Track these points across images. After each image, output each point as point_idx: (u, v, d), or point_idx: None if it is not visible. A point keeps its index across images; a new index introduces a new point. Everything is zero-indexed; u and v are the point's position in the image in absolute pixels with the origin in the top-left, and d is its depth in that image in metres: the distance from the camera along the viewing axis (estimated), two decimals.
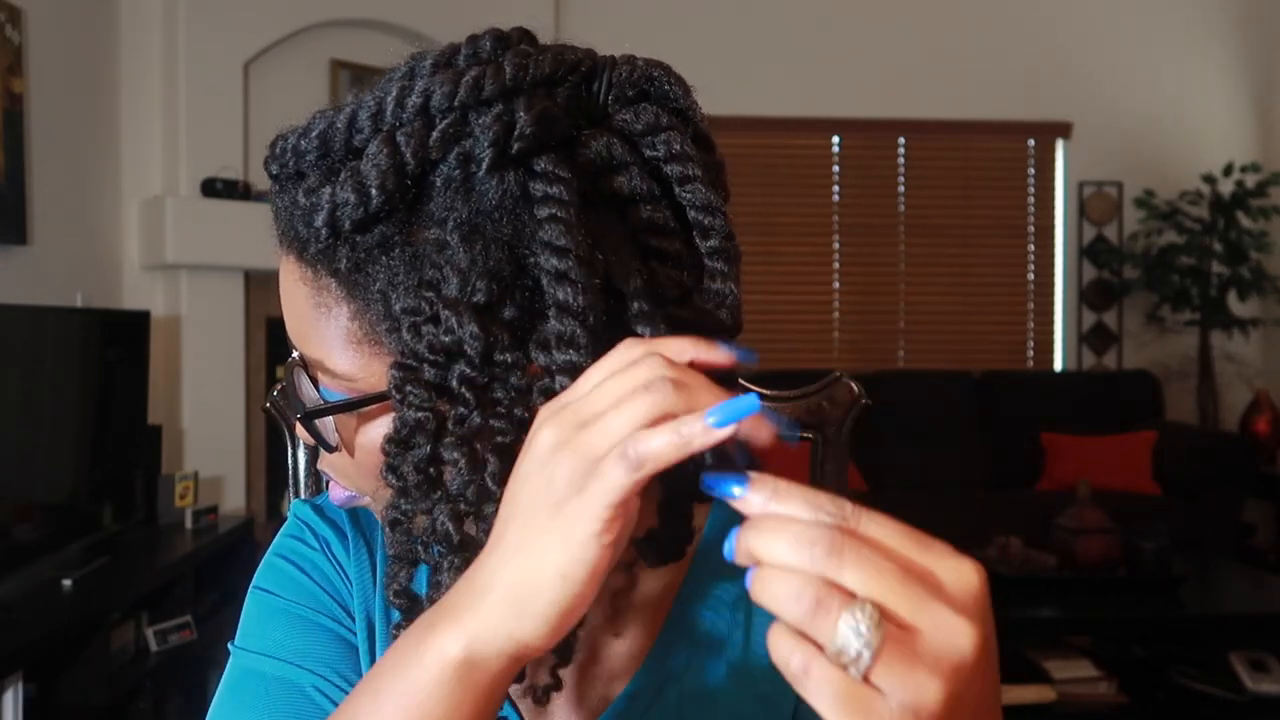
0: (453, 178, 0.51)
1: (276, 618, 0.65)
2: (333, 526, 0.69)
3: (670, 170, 0.53)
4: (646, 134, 0.54)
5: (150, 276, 3.47)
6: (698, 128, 0.56)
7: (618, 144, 0.53)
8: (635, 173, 0.53)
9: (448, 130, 0.50)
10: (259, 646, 0.64)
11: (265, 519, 3.59)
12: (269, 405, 0.88)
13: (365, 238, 0.52)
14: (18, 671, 2.05)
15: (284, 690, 0.62)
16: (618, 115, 0.54)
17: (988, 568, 2.10)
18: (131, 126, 3.46)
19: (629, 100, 0.54)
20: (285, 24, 3.66)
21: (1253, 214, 4.59)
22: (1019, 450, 4.42)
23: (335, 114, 0.52)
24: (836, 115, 4.83)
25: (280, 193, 0.55)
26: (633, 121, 0.54)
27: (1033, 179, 5.02)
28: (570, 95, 0.53)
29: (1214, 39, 5.01)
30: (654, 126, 0.53)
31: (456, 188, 0.51)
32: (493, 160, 0.50)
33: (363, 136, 0.51)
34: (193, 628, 2.71)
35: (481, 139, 0.50)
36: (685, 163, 0.53)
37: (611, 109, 0.54)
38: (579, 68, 0.54)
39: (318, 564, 0.67)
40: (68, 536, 2.55)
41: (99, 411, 2.78)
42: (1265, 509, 4.52)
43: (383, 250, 0.52)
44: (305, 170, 0.53)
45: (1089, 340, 5.01)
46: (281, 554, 0.68)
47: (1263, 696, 2.63)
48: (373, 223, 0.51)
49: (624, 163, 0.53)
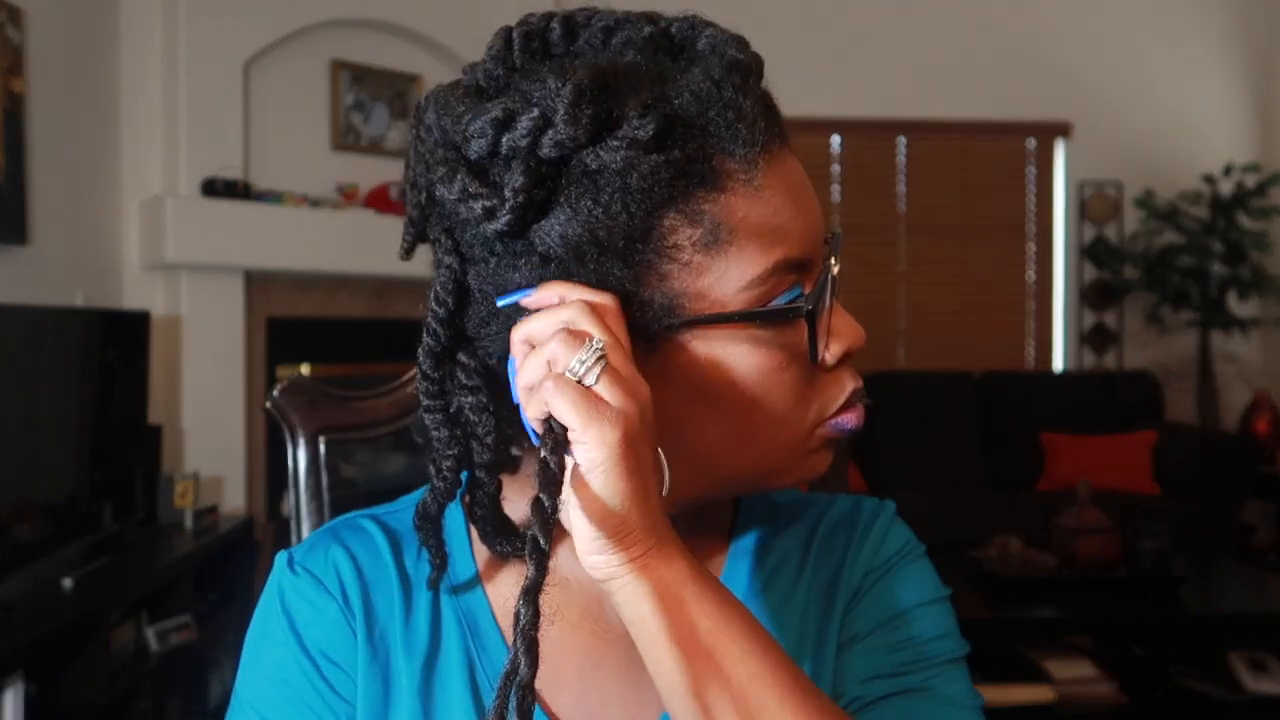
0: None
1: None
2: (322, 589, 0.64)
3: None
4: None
5: (150, 276, 3.47)
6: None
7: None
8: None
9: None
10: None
11: (265, 519, 3.59)
12: (269, 405, 0.88)
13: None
14: (18, 671, 2.05)
15: None
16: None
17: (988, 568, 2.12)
18: (131, 126, 3.46)
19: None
20: (285, 24, 3.66)
21: (1253, 214, 4.59)
22: (1019, 450, 4.42)
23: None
24: (836, 115, 4.83)
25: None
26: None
27: (1033, 179, 5.02)
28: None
29: (1214, 39, 5.01)
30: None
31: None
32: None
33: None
34: (193, 628, 2.71)
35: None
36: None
37: None
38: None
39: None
40: (68, 536, 2.55)
41: (99, 411, 2.78)
42: (1265, 509, 4.52)
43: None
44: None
45: (1089, 340, 5.01)
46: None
47: (1262, 696, 2.63)
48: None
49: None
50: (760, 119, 0.55)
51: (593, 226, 0.52)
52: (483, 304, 0.56)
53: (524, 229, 0.53)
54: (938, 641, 0.64)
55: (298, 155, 3.76)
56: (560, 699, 0.62)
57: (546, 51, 0.57)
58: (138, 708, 2.49)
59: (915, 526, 0.72)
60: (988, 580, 2.85)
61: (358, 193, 3.85)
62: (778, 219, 0.55)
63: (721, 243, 0.54)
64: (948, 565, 2.90)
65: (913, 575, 0.67)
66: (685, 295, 0.54)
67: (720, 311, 0.54)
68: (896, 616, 0.64)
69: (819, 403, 0.59)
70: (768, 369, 0.56)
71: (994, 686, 2.54)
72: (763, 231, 0.55)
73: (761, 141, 0.55)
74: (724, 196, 0.54)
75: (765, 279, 0.55)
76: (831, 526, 0.68)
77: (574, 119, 0.50)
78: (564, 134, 0.50)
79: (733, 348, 0.55)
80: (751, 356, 0.56)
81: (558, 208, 0.52)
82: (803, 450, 0.59)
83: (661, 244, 0.53)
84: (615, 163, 0.51)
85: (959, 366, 4.75)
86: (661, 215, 0.53)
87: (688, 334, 0.55)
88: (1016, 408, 4.51)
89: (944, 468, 4.33)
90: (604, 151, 0.51)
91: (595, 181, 0.52)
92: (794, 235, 0.56)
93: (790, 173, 0.57)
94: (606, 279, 0.53)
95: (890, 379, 4.55)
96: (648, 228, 0.53)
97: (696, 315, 0.54)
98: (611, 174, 0.52)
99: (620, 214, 0.52)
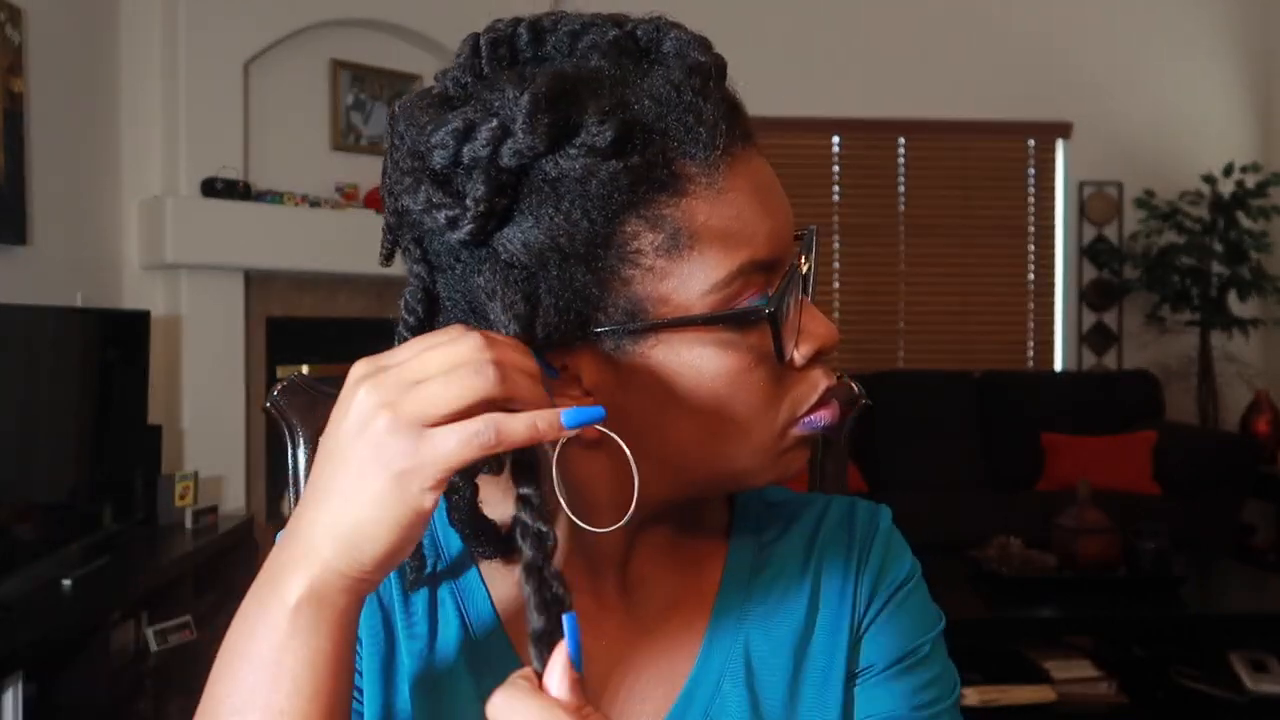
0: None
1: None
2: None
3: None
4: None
5: (150, 276, 3.47)
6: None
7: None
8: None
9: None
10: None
11: (265, 519, 3.59)
12: (269, 405, 0.88)
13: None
14: (18, 671, 2.05)
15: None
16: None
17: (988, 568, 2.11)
18: (131, 126, 3.46)
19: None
20: (285, 24, 3.66)
21: (1253, 214, 4.59)
22: (1019, 450, 4.42)
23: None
24: (836, 115, 4.83)
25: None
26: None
27: (1033, 179, 5.02)
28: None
29: (1214, 39, 5.01)
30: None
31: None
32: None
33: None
34: (193, 628, 2.71)
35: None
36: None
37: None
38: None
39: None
40: (68, 536, 2.55)
41: (99, 411, 2.78)
42: (1265, 509, 4.53)
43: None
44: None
45: (1089, 340, 5.01)
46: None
47: (1263, 696, 2.63)
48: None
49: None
50: (721, 122, 0.55)
51: (554, 234, 0.52)
52: (452, 311, 0.56)
53: (487, 237, 0.53)
54: (946, 677, 0.67)
55: (297, 155, 3.76)
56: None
57: (514, 58, 0.57)
58: (138, 708, 2.49)
59: (915, 526, 0.73)
60: (988, 580, 2.85)
61: (357, 193, 3.85)
62: (741, 221, 0.55)
63: (684, 247, 0.54)
64: (948, 565, 2.92)
65: (920, 602, 0.69)
66: (649, 300, 0.54)
67: (683, 315, 0.54)
68: (914, 652, 0.66)
69: (789, 402, 0.59)
70: (735, 371, 0.56)
71: (994, 687, 2.54)
72: (726, 234, 0.55)
73: (723, 144, 0.55)
74: (685, 200, 0.54)
75: (729, 281, 0.55)
76: (831, 530, 0.69)
77: (532, 128, 0.51)
78: (523, 143, 0.51)
79: (699, 350, 0.55)
80: (718, 359, 0.55)
81: (520, 215, 0.52)
82: (775, 450, 0.59)
83: (624, 249, 0.53)
84: (575, 170, 0.52)
85: (959, 366, 4.75)
86: (623, 221, 0.53)
87: (653, 338, 0.55)
88: (1016, 408, 4.51)
89: (944, 468, 4.33)
90: (563, 159, 0.52)
91: (556, 189, 0.52)
92: (760, 237, 0.56)
93: (755, 173, 0.57)
94: (570, 285, 0.53)
95: (890, 379, 4.55)
96: (609, 233, 0.53)
97: (659, 319, 0.54)
98: (571, 181, 0.52)
99: (581, 220, 0.52)
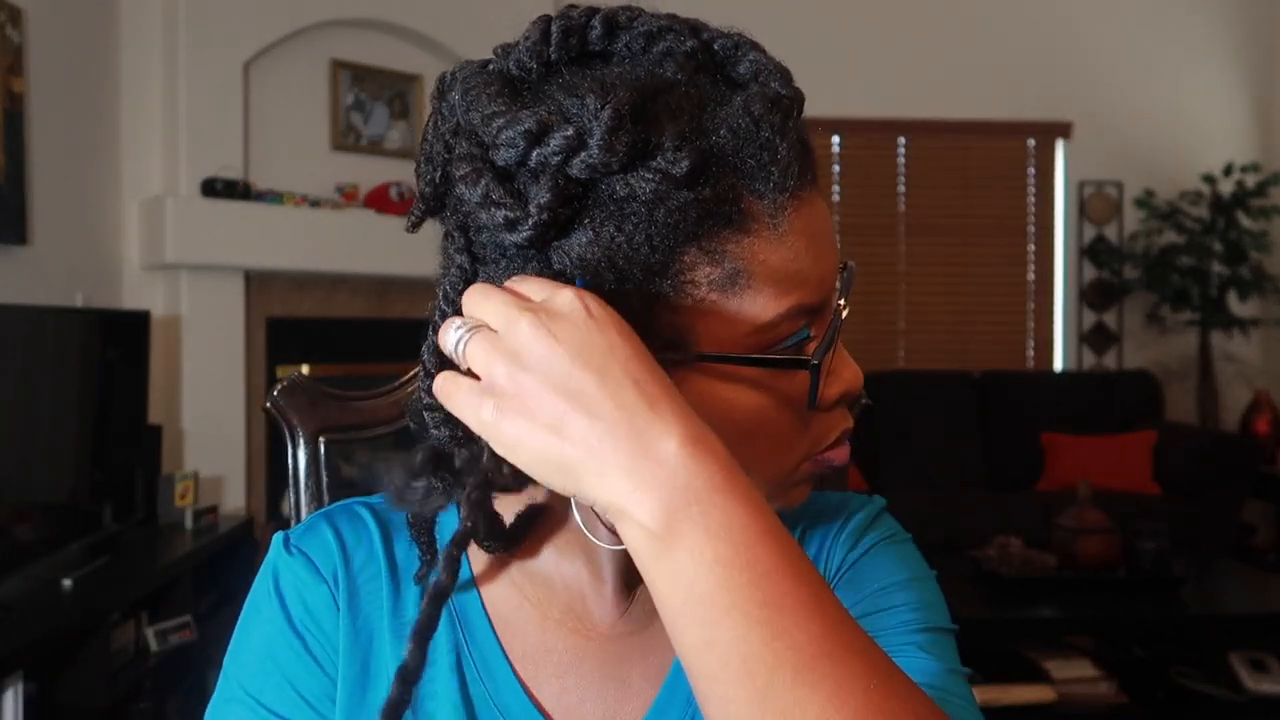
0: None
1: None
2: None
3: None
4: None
5: (150, 276, 3.47)
6: None
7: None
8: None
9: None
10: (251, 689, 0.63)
11: (265, 519, 3.59)
12: (269, 405, 0.88)
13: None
14: (18, 671, 2.05)
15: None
16: None
17: (988, 568, 2.12)
18: (131, 126, 3.46)
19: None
20: (285, 24, 3.66)
21: (1253, 214, 4.59)
22: (1019, 450, 4.42)
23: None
24: (836, 115, 4.83)
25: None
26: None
27: (1033, 179, 5.02)
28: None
29: (1214, 39, 5.01)
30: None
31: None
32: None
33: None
34: (193, 628, 2.71)
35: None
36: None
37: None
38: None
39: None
40: (68, 536, 2.55)
41: (99, 411, 2.78)
42: (1265, 509, 4.53)
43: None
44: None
45: (1089, 340, 5.01)
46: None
47: (1262, 696, 2.63)
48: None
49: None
50: (794, 163, 0.54)
51: (612, 252, 0.51)
52: None
53: (544, 245, 0.52)
54: (920, 611, 0.62)
55: (298, 155, 3.76)
56: (539, 694, 0.62)
57: (584, 49, 0.55)
58: (138, 708, 2.49)
59: (915, 526, 0.72)
60: (988, 580, 2.85)
61: (358, 193, 3.85)
62: (796, 265, 0.54)
63: (739, 286, 0.53)
64: (948, 565, 2.92)
65: (893, 555, 0.66)
66: (693, 330, 0.53)
67: (727, 353, 0.54)
68: (875, 594, 0.63)
69: (808, 441, 0.58)
70: (763, 409, 0.55)
71: (994, 686, 2.54)
72: (780, 277, 0.54)
73: (792, 187, 0.54)
74: (748, 239, 0.53)
75: (776, 324, 0.54)
76: (815, 516, 0.69)
77: (609, 144, 0.49)
78: (597, 158, 0.49)
79: (733, 386, 0.55)
80: (749, 396, 0.55)
81: (580, 229, 0.51)
82: (785, 484, 0.59)
83: (679, 278, 0.52)
84: (645, 193, 0.51)
85: (959, 366, 4.75)
86: (683, 250, 0.52)
87: (689, 369, 0.54)
88: (1016, 408, 4.51)
89: (944, 468, 4.33)
90: (635, 180, 0.50)
91: (622, 208, 0.51)
92: (811, 282, 0.55)
93: (815, 217, 0.56)
94: (616, 303, 0.51)
95: (890, 379, 4.55)
96: (667, 261, 0.52)
97: (703, 354, 0.53)
98: (639, 203, 0.51)
99: (643, 245, 0.51)
